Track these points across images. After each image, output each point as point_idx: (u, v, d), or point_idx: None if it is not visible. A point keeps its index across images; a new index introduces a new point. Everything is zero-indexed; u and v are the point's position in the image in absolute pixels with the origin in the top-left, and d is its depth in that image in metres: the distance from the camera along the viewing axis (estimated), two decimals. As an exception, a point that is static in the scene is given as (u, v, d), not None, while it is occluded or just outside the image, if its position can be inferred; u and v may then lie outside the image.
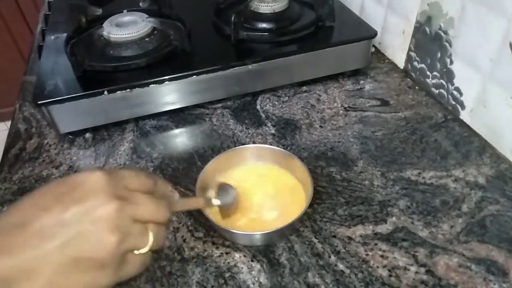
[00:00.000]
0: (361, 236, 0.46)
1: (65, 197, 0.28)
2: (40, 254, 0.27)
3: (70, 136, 0.62)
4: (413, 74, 0.70)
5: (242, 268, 0.44)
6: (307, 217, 0.48)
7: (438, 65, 0.64)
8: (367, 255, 0.44)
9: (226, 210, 0.45)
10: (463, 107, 0.61)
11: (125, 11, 0.71)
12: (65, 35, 0.68)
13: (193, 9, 0.80)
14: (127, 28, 0.65)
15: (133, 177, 0.32)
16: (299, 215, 0.44)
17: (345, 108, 0.65)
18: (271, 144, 0.59)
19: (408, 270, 0.43)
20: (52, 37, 0.71)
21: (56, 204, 0.28)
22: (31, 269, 0.26)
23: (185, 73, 0.61)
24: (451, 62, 0.61)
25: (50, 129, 0.64)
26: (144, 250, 0.31)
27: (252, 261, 0.44)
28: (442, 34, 0.61)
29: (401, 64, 0.73)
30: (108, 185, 0.29)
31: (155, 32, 0.67)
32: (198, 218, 0.49)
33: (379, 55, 0.78)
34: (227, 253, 0.45)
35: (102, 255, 0.28)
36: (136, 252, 0.31)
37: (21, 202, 0.29)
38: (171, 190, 0.37)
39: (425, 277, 0.42)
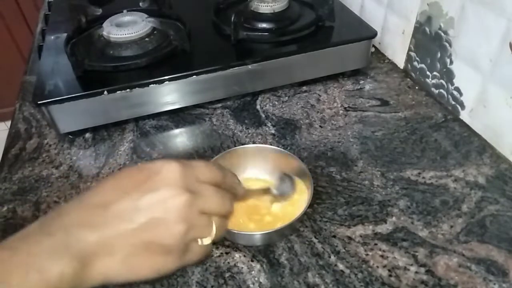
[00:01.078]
0: (361, 236, 0.46)
1: (142, 185, 0.31)
2: (118, 234, 0.30)
3: (70, 136, 0.62)
4: (413, 74, 0.70)
5: (242, 268, 0.44)
6: (307, 217, 0.48)
7: (438, 65, 0.64)
8: (367, 255, 0.44)
9: (284, 199, 0.48)
10: (463, 107, 0.61)
11: (125, 11, 0.71)
12: (65, 35, 0.68)
13: (193, 9, 0.80)
14: (127, 28, 0.65)
15: (205, 169, 0.34)
16: (299, 215, 0.44)
17: (345, 108, 0.65)
18: (271, 144, 0.59)
19: (408, 270, 0.43)
20: (52, 37, 0.72)
21: (134, 191, 0.31)
22: (111, 245, 0.29)
23: (185, 73, 0.61)
24: (451, 62, 0.61)
25: (50, 129, 0.64)
26: (207, 241, 0.34)
27: (252, 261, 0.44)
28: (442, 34, 0.61)
29: (401, 64, 0.73)
30: (181, 177, 0.32)
31: (155, 32, 0.67)
32: (198, 218, 0.49)
33: (379, 55, 0.78)
34: (227, 253, 0.45)
35: (169, 242, 0.31)
36: (199, 242, 0.33)
37: (103, 183, 0.32)
38: (238, 183, 0.39)
39: (425, 277, 0.42)
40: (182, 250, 0.32)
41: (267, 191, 0.47)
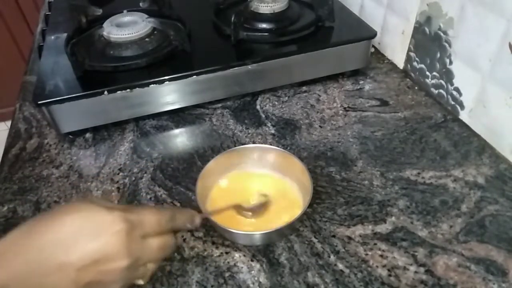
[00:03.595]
0: (360, 236, 0.46)
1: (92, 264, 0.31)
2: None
3: (70, 136, 0.62)
4: (412, 74, 0.71)
5: (242, 267, 0.44)
6: (306, 217, 0.48)
7: (438, 65, 0.64)
8: (366, 254, 0.44)
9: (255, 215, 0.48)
10: (462, 107, 0.61)
11: (125, 11, 0.71)
12: (65, 35, 0.68)
13: (193, 9, 0.80)
14: (127, 28, 0.65)
15: (153, 225, 0.34)
16: (298, 215, 0.44)
17: (344, 108, 0.65)
18: (271, 144, 0.59)
19: (408, 270, 0.43)
20: (53, 37, 0.72)
21: (82, 259, 0.30)
22: None
23: (185, 73, 0.61)
24: (451, 62, 0.61)
25: (50, 129, 0.64)
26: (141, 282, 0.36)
27: (251, 260, 0.45)
28: (442, 34, 0.61)
29: (400, 64, 0.73)
30: (127, 244, 0.32)
31: (155, 32, 0.67)
32: (198, 218, 0.49)
33: (378, 55, 0.78)
34: (227, 253, 0.45)
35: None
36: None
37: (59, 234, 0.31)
38: (189, 220, 0.39)
39: (424, 277, 0.42)
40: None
41: (238, 207, 0.47)
